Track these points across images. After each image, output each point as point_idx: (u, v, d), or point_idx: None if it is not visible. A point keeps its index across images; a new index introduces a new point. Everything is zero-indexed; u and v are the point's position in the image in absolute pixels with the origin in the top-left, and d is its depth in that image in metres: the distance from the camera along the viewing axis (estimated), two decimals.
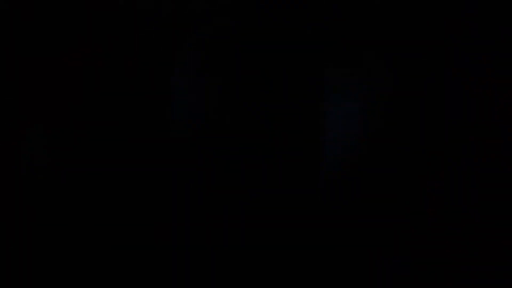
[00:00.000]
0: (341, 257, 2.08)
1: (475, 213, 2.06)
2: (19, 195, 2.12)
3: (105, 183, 2.14)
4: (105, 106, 2.15)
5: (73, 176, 2.14)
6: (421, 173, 2.09)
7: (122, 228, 2.12)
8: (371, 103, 2.10)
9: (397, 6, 2.07)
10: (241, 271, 2.09)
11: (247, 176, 2.14)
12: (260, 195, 2.13)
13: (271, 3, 2.10)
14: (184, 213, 2.13)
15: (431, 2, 2.06)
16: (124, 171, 2.14)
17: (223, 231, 2.12)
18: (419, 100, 2.09)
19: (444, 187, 2.08)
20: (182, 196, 2.14)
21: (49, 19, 2.13)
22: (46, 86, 2.15)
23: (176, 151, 2.16)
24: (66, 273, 2.09)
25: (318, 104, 2.12)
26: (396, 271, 2.06)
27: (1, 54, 2.13)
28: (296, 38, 2.11)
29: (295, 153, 2.14)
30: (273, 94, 2.14)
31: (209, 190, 2.14)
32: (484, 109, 2.06)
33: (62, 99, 2.15)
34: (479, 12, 2.05)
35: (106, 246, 2.11)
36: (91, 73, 2.15)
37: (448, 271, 2.05)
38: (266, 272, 2.09)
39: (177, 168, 2.15)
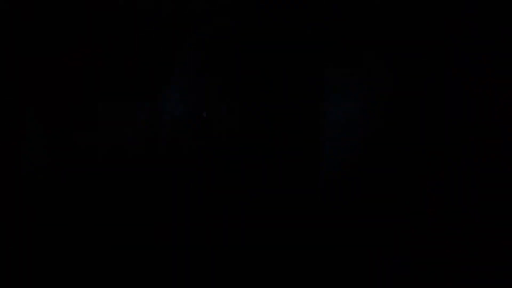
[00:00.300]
0: (341, 256, 2.08)
1: (474, 213, 2.06)
2: (19, 194, 2.12)
3: (105, 182, 2.14)
4: (104, 106, 2.15)
5: (72, 175, 2.14)
6: (420, 172, 2.10)
7: (121, 227, 2.13)
8: (371, 103, 2.10)
9: (397, 7, 2.07)
10: (240, 269, 2.09)
11: (246, 176, 2.14)
12: (260, 194, 2.13)
13: (271, 3, 2.10)
14: (183, 212, 2.14)
15: (430, 2, 2.07)
16: (123, 170, 2.15)
17: (223, 230, 2.12)
18: (419, 100, 2.09)
19: (444, 187, 2.09)
20: (182, 196, 2.14)
21: (49, 19, 2.14)
22: (46, 86, 2.15)
23: (175, 151, 2.16)
24: (66, 272, 2.09)
25: (318, 104, 2.12)
26: (395, 270, 2.07)
27: (1, 54, 2.13)
28: (296, 38, 2.11)
29: (295, 153, 2.14)
30: (273, 94, 2.14)
31: (209, 190, 2.14)
32: (483, 109, 2.06)
33: (62, 99, 2.15)
34: (478, 13, 2.05)
35: (105, 244, 2.11)
36: (91, 73, 2.15)
37: (447, 271, 2.05)
38: (266, 271, 2.09)
39: (176, 168, 2.15)
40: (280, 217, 2.11)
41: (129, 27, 2.14)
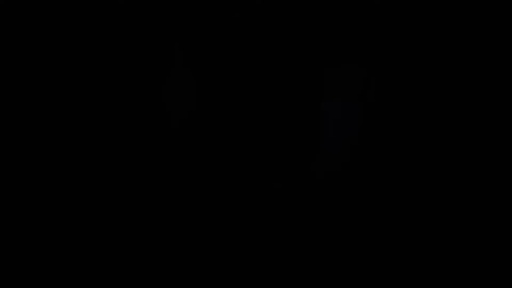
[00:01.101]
0: (337, 255, 2.09)
1: (472, 213, 2.07)
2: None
3: (105, 176, 2.14)
4: (102, 105, 2.15)
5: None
6: (419, 172, 2.10)
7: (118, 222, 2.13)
8: (370, 103, 2.11)
9: (396, 8, 2.08)
10: (233, 265, 2.09)
11: (246, 174, 2.15)
12: (260, 193, 2.13)
13: (272, 4, 2.10)
14: (180, 208, 2.14)
15: (429, 5, 2.07)
16: (122, 168, 2.15)
17: (217, 227, 2.12)
18: (418, 100, 2.10)
19: (443, 187, 2.09)
20: (180, 195, 2.15)
21: (49, 19, 2.13)
22: (46, 85, 2.15)
23: (175, 149, 2.16)
24: (60, 269, 2.09)
25: (318, 104, 2.13)
26: (393, 269, 2.08)
27: (1, 53, 2.13)
28: (297, 38, 2.11)
29: (295, 153, 2.15)
30: (274, 94, 2.14)
31: (207, 188, 2.14)
32: (480, 110, 2.08)
33: (62, 98, 2.15)
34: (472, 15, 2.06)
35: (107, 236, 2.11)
36: (91, 72, 2.15)
37: (446, 271, 2.06)
38: (260, 269, 2.09)
39: (175, 165, 2.16)
40: (279, 215, 2.12)
41: (129, 27, 2.14)
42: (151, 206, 2.14)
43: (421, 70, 2.10)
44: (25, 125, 2.14)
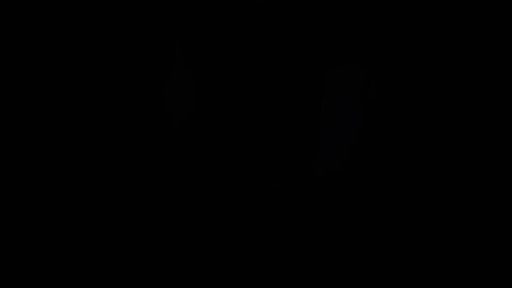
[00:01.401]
0: (337, 255, 2.09)
1: (472, 213, 2.07)
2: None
3: (105, 176, 2.15)
4: (102, 105, 2.15)
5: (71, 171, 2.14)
6: (419, 172, 2.10)
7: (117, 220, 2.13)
8: (370, 103, 2.11)
9: (396, 8, 2.08)
10: (231, 265, 2.10)
11: (246, 174, 2.15)
12: (260, 193, 2.14)
13: (272, 4, 2.11)
14: (180, 208, 2.14)
15: (429, 5, 2.07)
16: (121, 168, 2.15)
17: (217, 227, 2.12)
18: (418, 100, 2.10)
19: (443, 187, 2.10)
20: (180, 195, 2.15)
21: (49, 18, 2.13)
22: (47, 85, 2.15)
23: (175, 149, 2.16)
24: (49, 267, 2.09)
25: (318, 104, 2.13)
26: (393, 269, 2.08)
27: (1, 53, 2.13)
28: (297, 38, 2.12)
29: (295, 153, 2.15)
30: (274, 94, 2.15)
31: (207, 188, 2.15)
32: (481, 109, 2.08)
33: (62, 98, 2.15)
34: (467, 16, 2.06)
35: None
36: (91, 72, 2.15)
37: (446, 271, 2.06)
38: (260, 269, 2.09)
39: (175, 165, 2.16)
40: (279, 215, 2.12)
41: (129, 27, 2.14)
42: (151, 205, 2.14)
43: (421, 70, 2.10)
44: (25, 125, 2.14)
